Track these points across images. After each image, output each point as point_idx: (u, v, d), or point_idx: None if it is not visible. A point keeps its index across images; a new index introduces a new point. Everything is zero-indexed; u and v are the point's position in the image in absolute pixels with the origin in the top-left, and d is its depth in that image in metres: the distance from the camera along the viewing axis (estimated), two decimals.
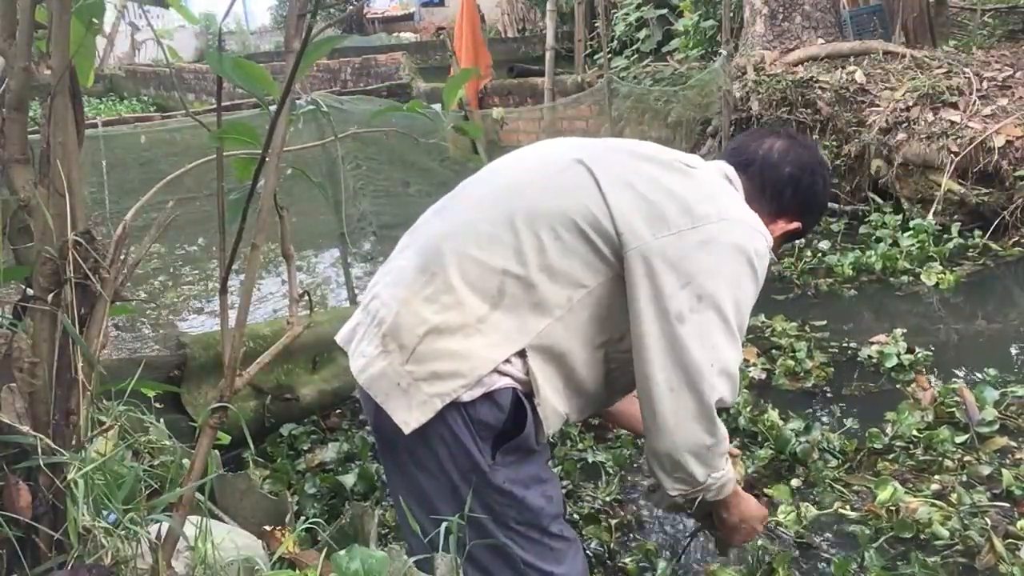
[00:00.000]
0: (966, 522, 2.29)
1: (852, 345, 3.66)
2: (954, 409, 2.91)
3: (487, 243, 1.49)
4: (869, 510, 2.41)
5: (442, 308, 1.46)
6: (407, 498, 1.55)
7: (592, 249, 1.49)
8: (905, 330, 3.62)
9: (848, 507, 2.48)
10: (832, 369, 3.45)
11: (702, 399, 1.49)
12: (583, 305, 1.50)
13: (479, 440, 1.46)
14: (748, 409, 2.99)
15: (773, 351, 3.64)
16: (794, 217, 1.74)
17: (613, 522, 2.48)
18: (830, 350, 3.65)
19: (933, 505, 2.38)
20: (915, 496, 2.44)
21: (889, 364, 3.39)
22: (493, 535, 1.48)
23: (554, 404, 1.52)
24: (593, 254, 1.49)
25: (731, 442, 2.84)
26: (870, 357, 3.49)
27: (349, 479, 2.68)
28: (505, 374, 1.47)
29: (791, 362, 3.46)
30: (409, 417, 1.44)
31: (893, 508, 2.38)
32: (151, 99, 14.52)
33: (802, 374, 3.40)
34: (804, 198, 1.73)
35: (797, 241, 1.87)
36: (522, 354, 1.48)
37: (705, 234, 1.48)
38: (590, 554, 2.32)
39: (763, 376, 3.42)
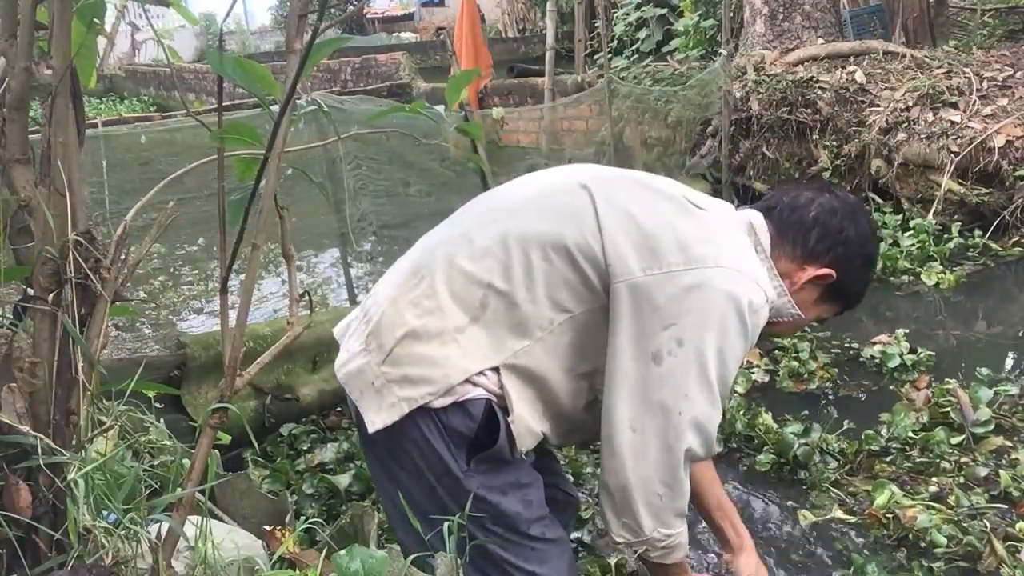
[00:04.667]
0: (965, 526, 2.28)
1: (854, 346, 3.66)
2: (949, 409, 2.91)
3: (479, 256, 1.48)
4: (870, 515, 2.40)
5: (423, 312, 1.46)
6: (392, 492, 1.56)
7: (580, 277, 1.46)
8: (907, 331, 3.62)
9: (842, 511, 2.47)
10: (836, 370, 3.44)
11: (666, 446, 1.45)
12: (564, 330, 1.48)
13: (452, 446, 1.46)
14: (742, 413, 2.99)
15: (776, 352, 3.63)
16: (824, 264, 1.62)
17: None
18: (832, 351, 3.65)
19: (931, 508, 2.37)
20: (913, 499, 2.43)
21: (892, 364, 3.39)
22: (473, 535, 1.48)
23: (528, 423, 1.49)
24: (581, 282, 1.46)
25: (728, 446, 2.85)
26: (872, 357, 3.48)
27: (344, 479, 2.67)
28: (479, 385, 1.45)
29: (794, 363, 3.46)
30: (377, 417, 1.45)
31: (890, 516, 2.37)
32: (151, 99, 14.52)
33: (806, 375, 3.40)
34: (833, 244, 1.61)
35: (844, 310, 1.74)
36: (497, 370, 1.46)
37: (697, 277, 1.43)
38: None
39: (766, 378, 3.42)
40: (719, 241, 1.50)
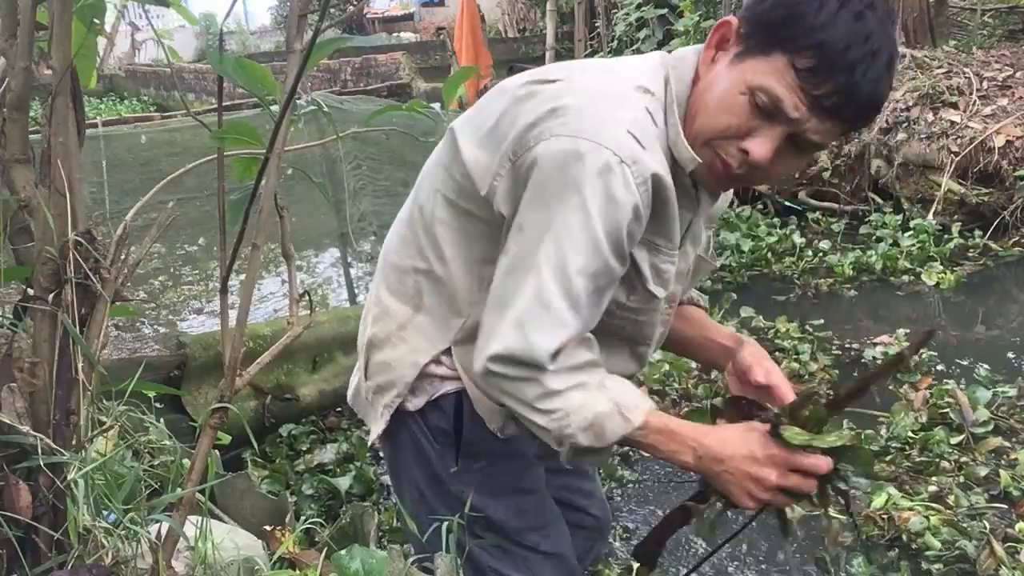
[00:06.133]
0: (964, 526, 2.27)
1: (854, 346, 3.66)
2: (947, 410, 2.91)
3: (398, 245, 1.47)
4: (867, 516, 2.40)
5: (374, 321, 1.47)
6: (398, 499, 1.59)
7: (477, 221, 1.33)
8: (908, 331, 3.62)
9: (835, 509, 2.47)
10: (836, 371, 3.44)
11: (502, 348, 1.22)
12: None
13: (437, 445, 1.44)
14: None
15: (776, 353, 3.63)
16: (746, 45, 1.21)
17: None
18: (833, 352, 3.65)
19: (930, 509, 2.37)
20: (912, 499, 2.43)
21: None
22: (460, 538, 1.42)
23: (487, 400, 1.37)
24: (483, 226, 1.33)
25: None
26: (874, 358, 3.48)
27: (344, 481, 2.66)
28: (445, 378, 1.41)
29: (795, 364, 3.45)
30: (373, 428, 1.48)
31: (885, 516, 2.37)
32: (151, 99, 14.54)
33: (806, 376, 3.40)
34: (753, 13, 1.21)
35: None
36: (449, 352, 1.40)
37: (529, 159, 1.22)
38: None
39: None
40: (563, 109, 1.23)
